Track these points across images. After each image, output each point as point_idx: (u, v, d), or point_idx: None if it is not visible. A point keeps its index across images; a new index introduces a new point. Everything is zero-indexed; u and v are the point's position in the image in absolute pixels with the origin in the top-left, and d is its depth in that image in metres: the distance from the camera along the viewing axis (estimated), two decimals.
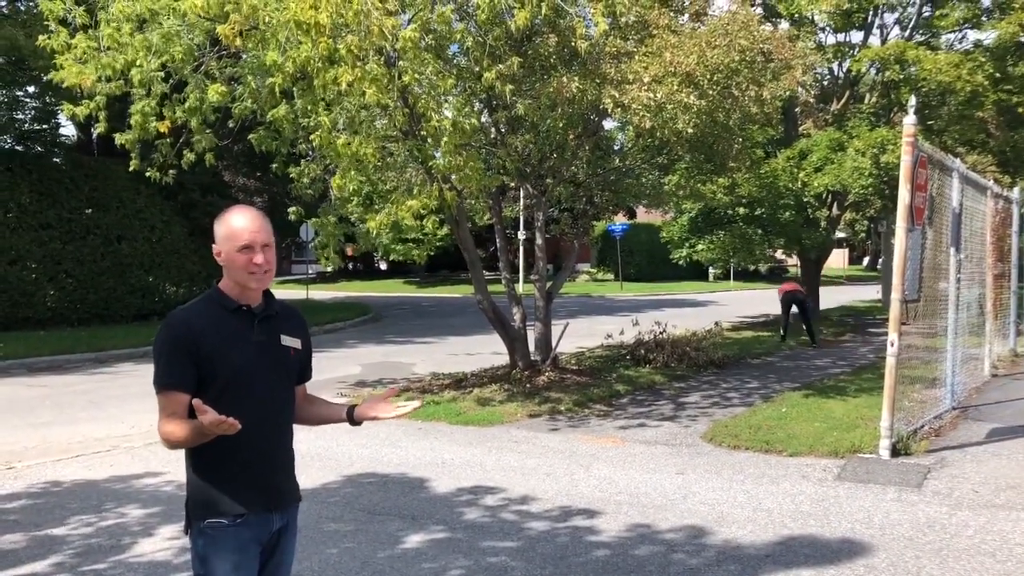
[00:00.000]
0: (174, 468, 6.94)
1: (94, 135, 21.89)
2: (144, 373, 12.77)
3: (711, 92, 9.09)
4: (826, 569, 4.61)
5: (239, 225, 2.57)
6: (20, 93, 20.94)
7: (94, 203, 19.84)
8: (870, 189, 16.46)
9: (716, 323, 15.72)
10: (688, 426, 8.47)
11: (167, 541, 5.15)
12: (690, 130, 9.13)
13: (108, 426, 8.73)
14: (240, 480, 2.58)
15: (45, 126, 22.41)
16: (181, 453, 2.59)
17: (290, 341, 2.72)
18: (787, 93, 11.15)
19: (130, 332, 17.07)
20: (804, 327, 15.66)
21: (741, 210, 18.23)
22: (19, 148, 21.71)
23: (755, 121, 11.19)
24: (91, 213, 19.68)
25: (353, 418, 2.84)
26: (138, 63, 7.86)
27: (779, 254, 33.14)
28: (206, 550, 2.55)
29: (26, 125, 21.88)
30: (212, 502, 2.55)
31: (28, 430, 8.52)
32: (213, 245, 2.62)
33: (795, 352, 14.64)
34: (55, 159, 21.02)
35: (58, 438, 8.14)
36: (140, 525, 5.50)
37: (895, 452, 7.03)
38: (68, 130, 24.91)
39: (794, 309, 15.72)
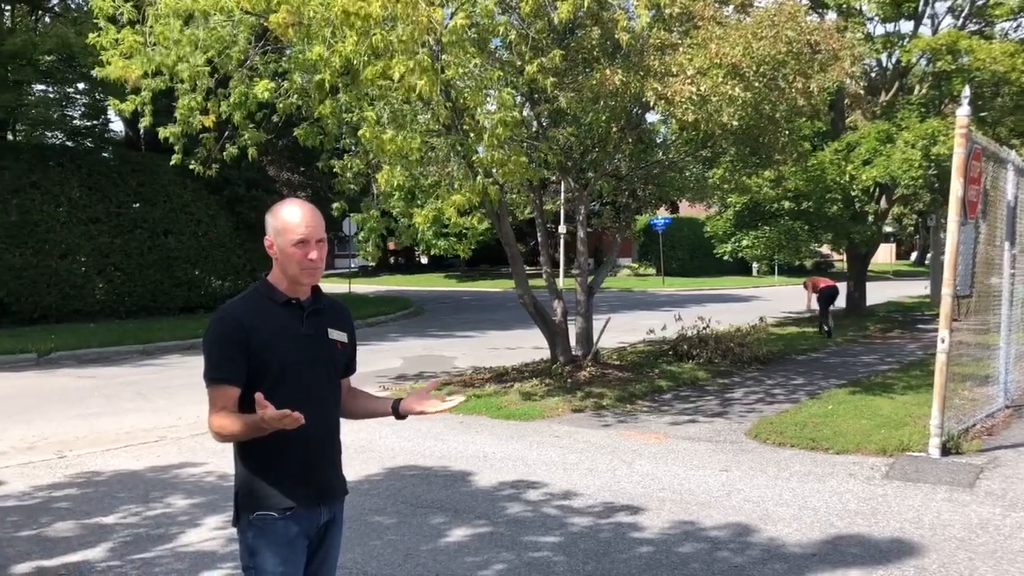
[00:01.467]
0: (218, 459, 7.03)
1: (141, 131, 22.26)
2: (191, 365, 13.01)
3: (757, 84, 8.96)
4: (875, 570, 4.52)
5: (294, 219, 2.55)
6: (70, 90, 21.37)
7: (142, 197, 20.17)
8: (919, 182, 16.12)
9: (761, 319, 15.52)
10: (732, 422, 8.38)
11: (213, 531, 5.21)
12: (735, 123, 9.01)
13: (155, 417, 8.87)
14: (290, 474, 2.57)
15: (95, 122, 22.87)
16: (227, 445, 2.59)
17: (337, 335, 2.71)
18: (835, 85, 10.95)
19: (176, 325, 17.34)
20: (825, 319, 15.67)
21: (787, 204, 17.97)
22: (69, 144, 22.18)
23: (802, 113, 11.00)
24: (139, 207, 20.02)
25: (399, 412, 2.80)
26: (185, 58, 7.95)
27: (825, 249, 32.70)
28: (255, 542, 2.54)
29: (76, 121, 22.34)
30: (262, 495, 2.54)
31: (78, 420, 8.69)
32: (265, 238, 2.61)
33: (841, 348, 14.41)
34: (104, 154, 21.43)
35: (107, 428, 8.29)
36: (186, 515, 5.57)
37: (945, 451, 6.87)
38: (116, 126, 25.37)
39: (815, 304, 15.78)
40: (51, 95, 21.29)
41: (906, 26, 20.12)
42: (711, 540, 5.00)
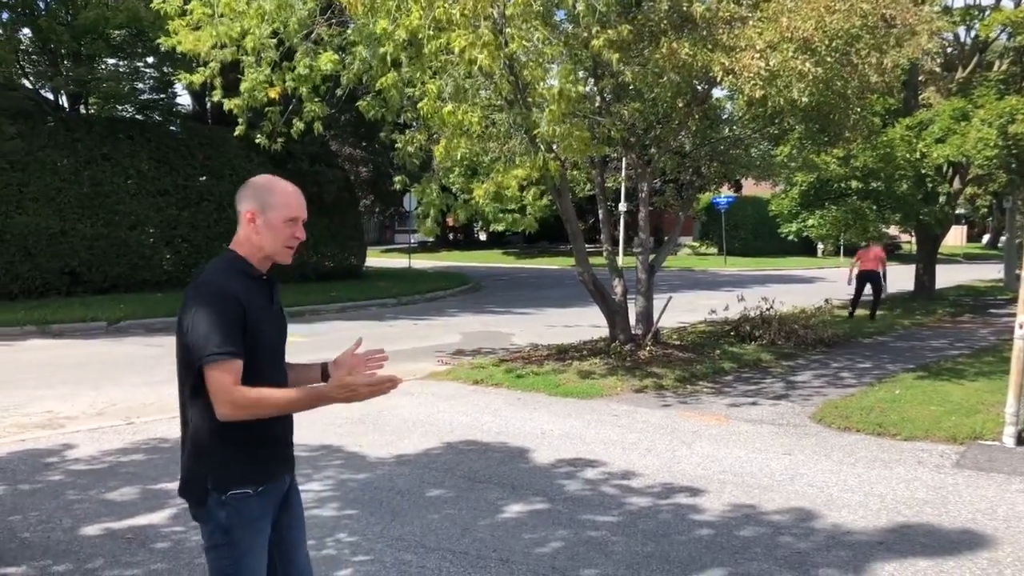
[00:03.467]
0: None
1: (208, 104, 22.62)
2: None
3: (829, 59, 8.67)
4: (944, 560, 4.38)
5: (290, 196, 2.57)
6: (140, 64, 21.76)
7: (208, 171, 20.51)
8: (995, 161, 15.55)
9: (826, 300, 15.19)
10: (796, 406, 8.21)
11: None
12: (805, 99, 8.74)
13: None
14: (268, 449, 2.58)
15: (163, 96, 23.27)
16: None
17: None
18: (910, 61, 10.58)
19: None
20: (874, 303, 15.35)
21: (855, 183, 17.49)
22: (139, 117, 22.63)
23: (874, 90, 10.65)
24: (205, 180, 20.36)
25: (327, 379, 2.77)
26: (251, 30, 8.00)
27: (893, 230, 31.83)
28: (230, 520, 2.50)
29: (145, 95, 22.76)
30: (239, 473, 2.50)
31: (145, 388, 8.90)
32: (246, 210, 2.55)
33: (909, 332, 14.03)
34: (172, 128, 21.81)
35: (173, 396, 8.43)
36: None
37: (1021, 440, 6.63)
38: (184, 99, 25.81)
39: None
40: (121, 69, 21.71)
41: None
42: (773, 524, 4.91)
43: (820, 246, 39.50)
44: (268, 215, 2.54)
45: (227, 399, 2.37)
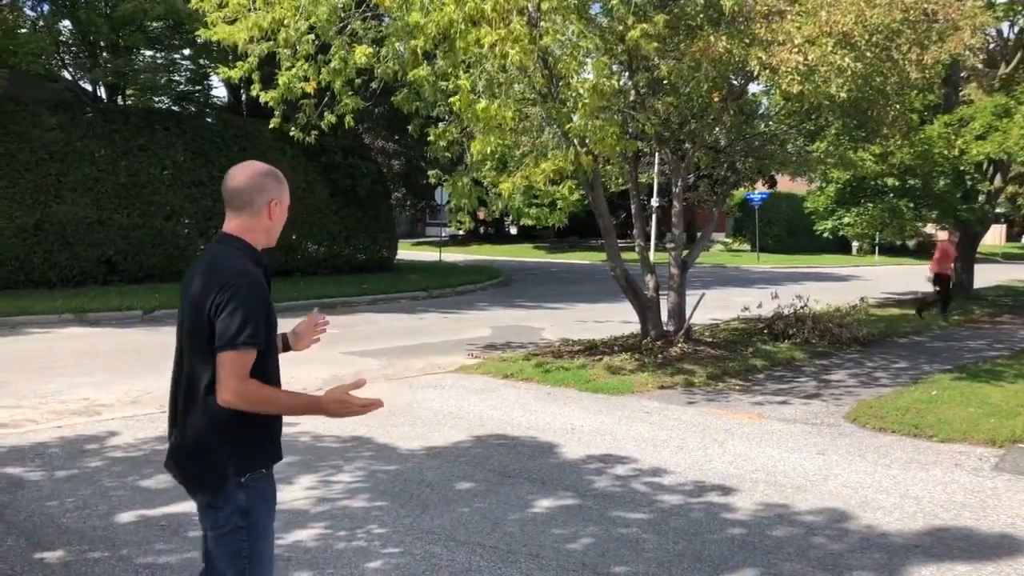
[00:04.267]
0: (312, 421, 7.16)
1: (243, 97, 22.83)
2: (288, 328, 13.29)
3: (868, 54, 8.53)
4: (983, 566, 4.30)
5: (288, 188, 2.72)
6: (176, 56, 22.01)
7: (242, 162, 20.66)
8: None
9: (861, 299, 14.99)
10: (830, 405, 8.11)
11: (305, 491, 5.31)
12: (843, 95, 8.63)
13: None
14: (274, 430, 2.64)
15: (198, 88, 23.52)
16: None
17: None
18: (951, 57, 10.38)
19: (273, 288, 17.61)
20: (941, 301, 14.96)
21: (891, 181, 17.23)
22: (175, 108, 22.90)
23: (914, 86, 10.48)
24: None
25: (289, 348, 2.96)
26: (286, 22, 8.04)
27: (930, 228, 31.35)
28: (250, 502, 2.54)
29: (181, 86, 23.01)
30: (255, 455, 2.56)
31: None
32: (272, 201, 2.65)
33: (946, 332, 13.81)
34: (207, 119, 22.01)
35: None
36: (279, 474, 5.61)
37: None
38: (219, 92, 26.07)
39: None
40: (158, 61, 21.97)
41: None
42: (806, 525, 4.85)
43: (855, 244, 39.04)
44: (284, 203, 2.70)
45: (239, 388, 2.41)
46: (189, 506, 4.90)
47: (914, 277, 26.54)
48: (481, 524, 4.76)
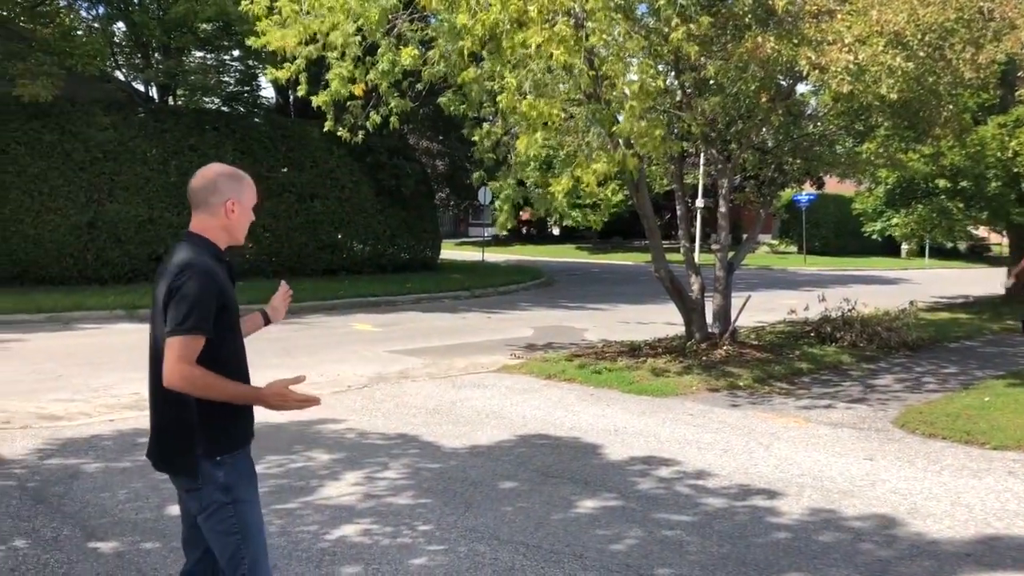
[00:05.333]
0: (358, 417, 7.26)
1: (291, 98, 23.13)
2: (332, 325, 13.48)
3: (921, 54, 8.39)
4: None
5: (252, 184, 2.86)
6: (226, 57, 22.36)
7: (290, 162, 20.94)
8: None
9: (911, 302, 14.72)
10: (878, 410, 7.99)
11: (351, 487, 5.38)
12: (894, 95, 8.48)
13: (298, 373, 9.19)
14: (244, 413, 2.76)
15: (247, 88, 23.86)
16: (366, 403, 2.64)
17: None
18: (1008, 56, 10.15)
19: (319, 286, 17.98)
20: None
21: (942, 182, 16.90)
22: (225, 109, 23.26)
23: (968, 86, 10.28)
24: (287, 172, 20.79)
25: (269, 321, 3.27)
26: (338, 26, 8.13)
27: (982, 231, 30.71)
28: (229, 478, 2.66)
29: (231, 87, 23.37)
30: (228, 436, 2.68)
31: None
32: (228, 200, 2.75)
33: (999, 338, 13.51)
34: (256, 120, 22.33)
35: (254, 382, 8.65)
36: (326, 469, 5.77)
37: None
38: (267, 92, 26.42)
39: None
40: (208, 62, 22.34)
41: None
42: (853, 531, 4.79)
43: (904, 246, 38.35)
44: (243, 202, 2.80)
45: (185, 372, 2.53)
46: None
47: (965, 281, 26.03)
48: (524, 523, 4.77)
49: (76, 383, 8.58)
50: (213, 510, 2.64)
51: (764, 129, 10.96)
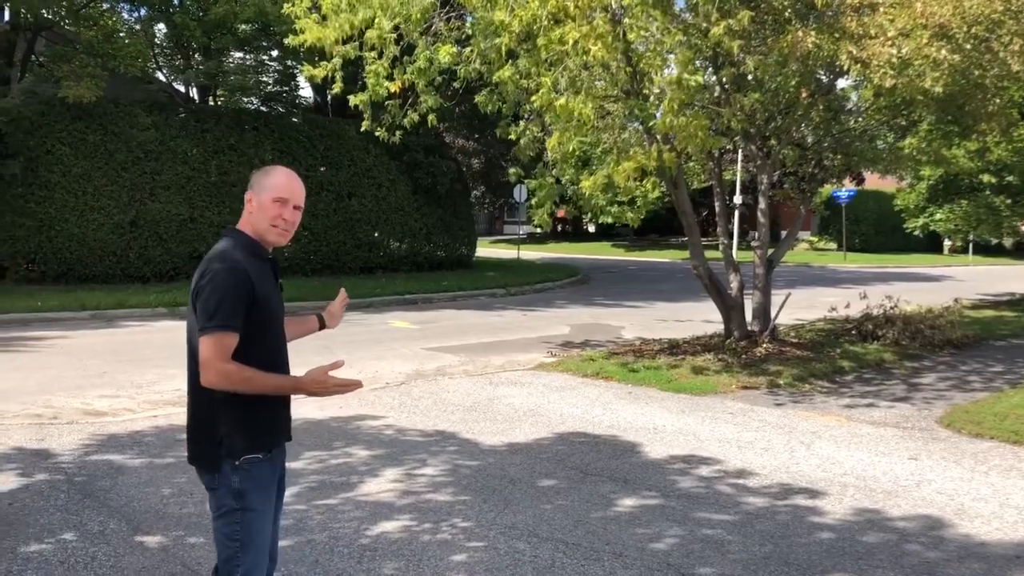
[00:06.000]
0: (396, 413, 7.29)
1: (329, 97, 23.29)
2: (370, 323, 13.56)
3: (967, 46, 8.22)
4: None
5: (280, 179, 2.76)
6: (265, 57, 22.58)
7: (328, 161, 21.10)
8: None
9: (955, 300, 14.47)
10: (922, 409, 7.86)
11: (391, 483, 5.40)
12: (938, 89, 8.32)
13: (338, 370, 9.27)
14: (274, 414, 2.72)
15: (285, 88, 24.07)
16: (404, 400, 2.65)
17: None
18: None
19: (357, 284, 18.10)
20: None
21: (987, 178, 16.59)
22: (263, 109, 23.49)
23: (1016, 79, 10.05)
24: (325, 171, 20.96)
25: (323, 324, 3.24)
26: (376, 23, 8.18)
27: None
28: (244, 485, 2.64)
29: (269, 87, 23.60)
30: (251, 439, 2.64)
31: None
32: (247, 194, 2.76)
33: None
34: (294, 120, 22.53)
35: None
36: (365, 466, 5.80)
37: None
38: (305, 92, 26.65)
39: None
40: (247, 62, 22.58)
41: None
42: (899, 531, 4.71)
43: (947, 243, 37.71)
44: (260, 196, 2.73)
45: (219, 368, 2.52)
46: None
47: (1011, 278, 25.52)
48: (564, 521, 4.76)
49: (120, 380, 8.72)
50: (223, 512, 2.66)
51: (804, 125, 10.82)
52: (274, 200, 2.72)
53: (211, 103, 22.80)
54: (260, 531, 2.69)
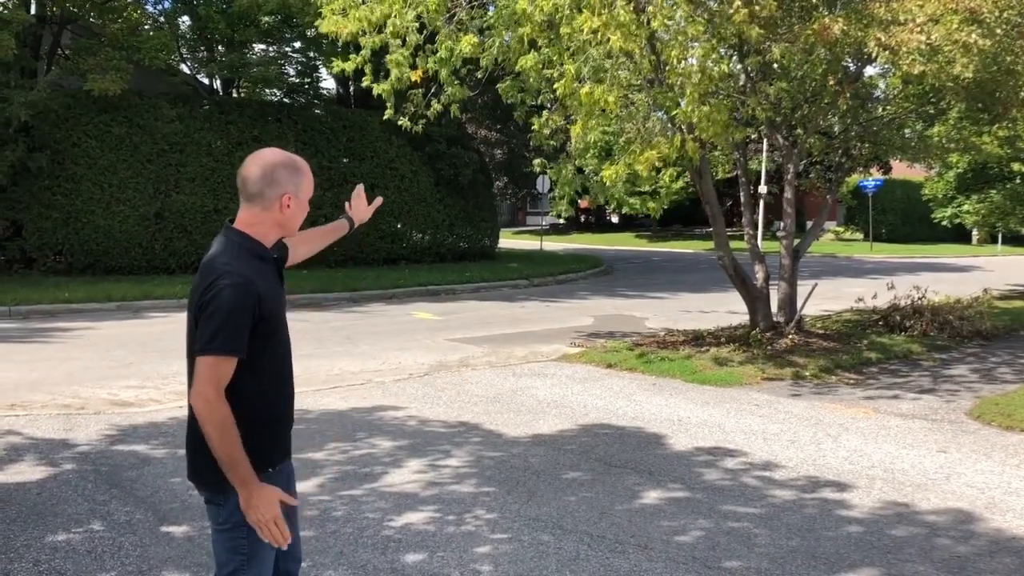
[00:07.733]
0: (419, 404, 7.29)
1: (351, 89, 23.33)
2: (392, 314, 13.60)
3: (999, 31, 8.08)
4: None
5: (310, 178, 2.62)
6: (287, 49, 22.64)
7: (351, 153, 21.13)
8: None
9: (984, 290, 14.27)
10: (950, 401, 7.75)
11: (414, 474, 5.39)
12: (968, 75, 8.18)
13: (361, 361, 9.32)
14: (281, 428, 2.59)
15: (308, 80, 24.13)
16: (427, 391, 2.61)
17: None
18: None
19: (380, 275, 18.15)
20: None
21: (1017, 166, 16.33)
22: (287, 100, 23.57)
23: None
24: (347, 162, 21.00)
25: (353, 223, 3.25)
26: (394, 14, 8.15)
27: None
28: None
29: (292, 79, 23.66)
30: (259, 455, 2.45)
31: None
32: (284, 195, 2.53)
33: None
34: (316, 111, 22.59)
35: (317, 369, 8.78)
36: (389, 456, 5.80)
37: None
38: (327, 84, 26.70)
39: None
40: (270, 54, 22.65)
41: None
42: (928, 525, 4.64)
43: (975, 233, 37.22)
44: (300, 196, 2.57)
45: (210, 398, 2.33)
46: (303, 487, 5.04)
47: None
48: (588, 513, 4.73)
49: (146, 370, 8.79)
50: (228, 527, 2.51)
51: (830, 113, 10.69)
52: (308, 201, 2.65)
53: (234, 95, 22.89)
54: (265, 546, 2.55)
